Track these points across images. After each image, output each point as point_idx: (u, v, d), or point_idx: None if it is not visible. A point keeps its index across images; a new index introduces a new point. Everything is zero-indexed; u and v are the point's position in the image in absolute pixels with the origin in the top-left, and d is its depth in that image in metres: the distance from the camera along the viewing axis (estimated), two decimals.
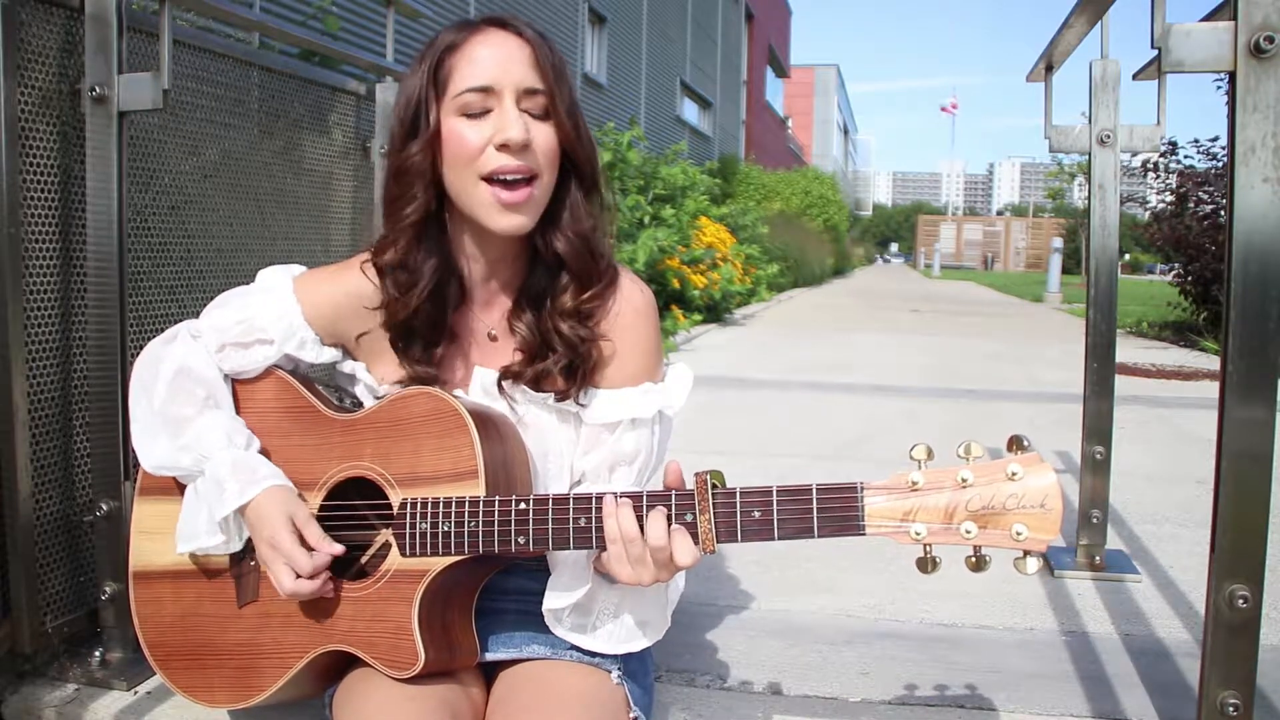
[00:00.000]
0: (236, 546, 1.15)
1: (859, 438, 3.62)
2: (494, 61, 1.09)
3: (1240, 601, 1.05)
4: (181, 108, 1.69)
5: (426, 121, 1.11)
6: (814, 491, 0.99)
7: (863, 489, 0.98)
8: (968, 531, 0.95)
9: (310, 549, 1.08)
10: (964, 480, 0.95)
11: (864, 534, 0.98)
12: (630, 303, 1.21)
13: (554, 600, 1.14)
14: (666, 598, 1.18)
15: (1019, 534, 0.93)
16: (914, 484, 0.97)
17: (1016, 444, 0.95)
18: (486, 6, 10.39)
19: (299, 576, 1.07)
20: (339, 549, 1.10)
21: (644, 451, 1.20)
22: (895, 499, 0.97)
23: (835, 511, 0.98)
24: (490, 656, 1.19)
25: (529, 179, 1.10)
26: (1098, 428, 2.10)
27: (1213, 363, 6.22)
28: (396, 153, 1.14)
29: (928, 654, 1.66)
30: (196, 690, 1.18)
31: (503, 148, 1.08)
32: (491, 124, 1.09)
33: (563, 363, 1.16)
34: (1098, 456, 2.10)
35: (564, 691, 1.13)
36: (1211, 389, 4.92)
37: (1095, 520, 2.08)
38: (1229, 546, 1.06)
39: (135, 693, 1.44)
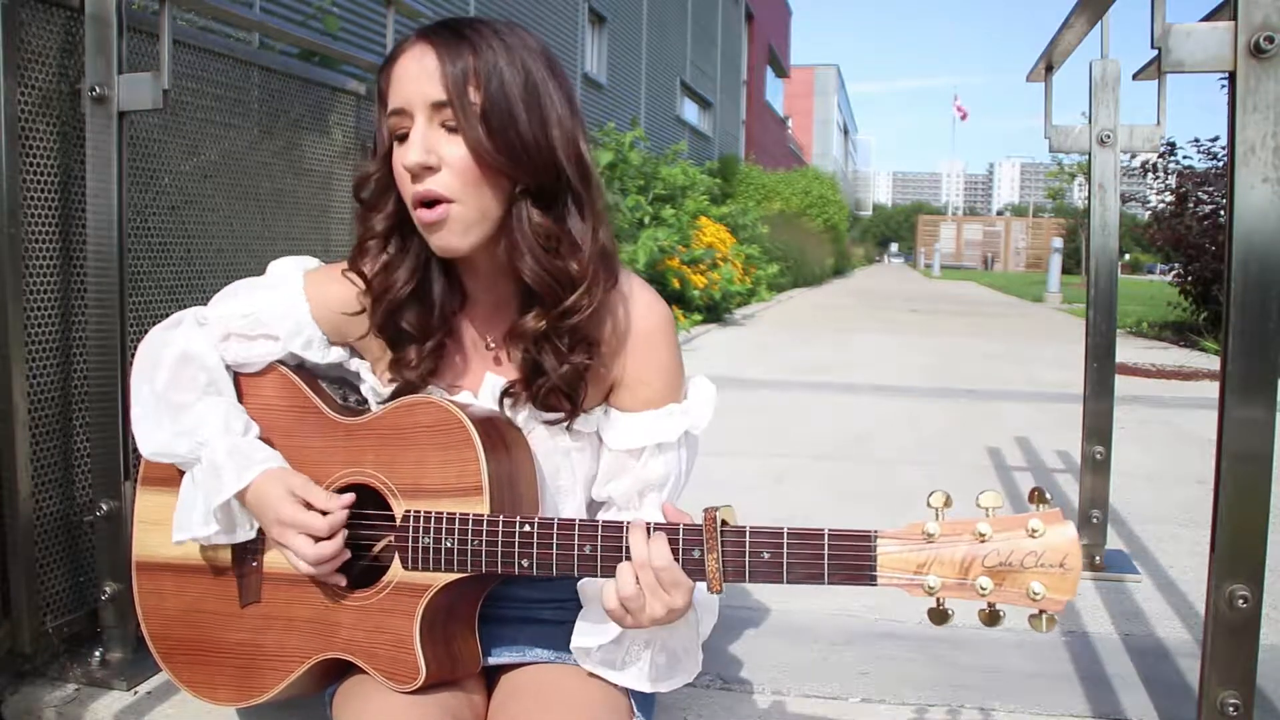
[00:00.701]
0: (240, 537, 1.14)
1: (859, 438, 3.62)
2: (406, 80, 1.04)
3: (1240, 601, 1.05)
4: (181, 108, 1.69)
5: (381, 139, 1.09)
6: (826, 537, 0.96)
7: (876, 538, 0.95)
8: (983, 588, 0.91)
9: (321, 512, 1.07)
10: (982, 534, 0.92)
11: (875, 584, 0.94)
12: (645, 321, 1.15)
13: (583, 639, 1.12)
14: (697, 633, 1.14)
15: (1036, 594, 0.90)
16: (929, 535, 0.93)
17: (1039, 497, 0.92)
18: (486, 6, 10.38)
19: (318, 541, 1.06)
20: (348, 498, 1.08)
21: (673, 475, 1.16)
22: (910, 549, 0.94)
23: (847, 560, 0.95)
24: (493, 661, 1.18)
25: (440, 200, 1.05)
26: (1098, 428, 2.10)
27: (1213, 363, 6.22)
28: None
29: (928, 654, 1.66)
30: (199, 686, 1.18)
31: (409, 172, 1.04)
32: (406, 148, 1.05)
33: (550, 385, 1.11)
34: (1098, 456, 2.10)
35: (566, 695, 1.13)
36: (1211, 389, 4.92)
37: (1095, 520, 2.08)
38: (1229, 546, 1.06)
39: (135, 693, 1.44)
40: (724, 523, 0.98)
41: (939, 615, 0.94)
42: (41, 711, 1.40)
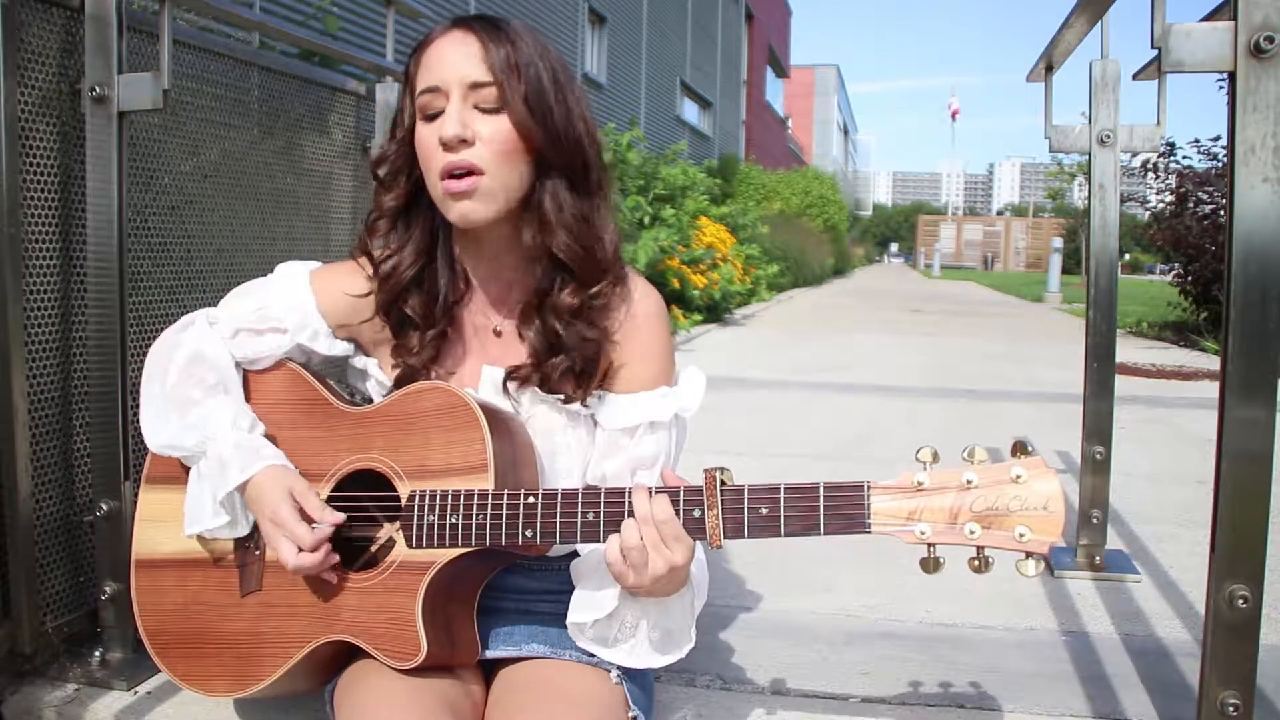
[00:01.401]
0: (243, 530, 1.16)
1: (859, 438, 3.62)
2: (444, 62, 1.10)
3: (1240, 601, 1.05)
4: (181, 108, 1.69)
5: (402, 120, 1.15)
6: (821, 489, 1.00)
7: (869, 488, 0.99)
8: (971, 532, 0.96)
9: (312, 521, 1.09)
10: (968, 482, 0.96)
11: (869, 532, 0.99)
12: (643, 306, 1.20)
13: (579, 614, 1.14)
14: (692, 610, 1.17)
15: (1021, 535, 0.94)
16: (919, 485, 0.98)
17: (1020, 448, 0.96)
18: (486, 6, 10.38)
19: (301, 551, 1.08)
20: (340, 518, 1.10)
21: (663, 454, 1.20)
22: (901, 499, 0.98)
23: (841, 509, 0.99)
24: (490, 654, 1.19)
25: (473, 171, 1.10)
26: (1098, 428, 2.10)
27: (1213, 363, 6.22)
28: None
29: (928, 654, 1.66)
30: (194, 679, 1.19)
31: (443, 144, 1.09)
32: (440, 123, 1.10)
33: (565, 365, 1.16)
34: (1098, 456, 2.10)
35: (563, 691, 1.13)
36: (1211, 389, 4.92)
37: (1095, 520, 2.08)
38: (1229, 546, 1.06)
39: (135, 693, 1.44)
40: (723, 482, 1.02)
41: (931, 564, 0.98)
42: (41, 711, 1.40)
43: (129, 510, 1.47)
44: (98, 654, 1.51)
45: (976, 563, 0.97)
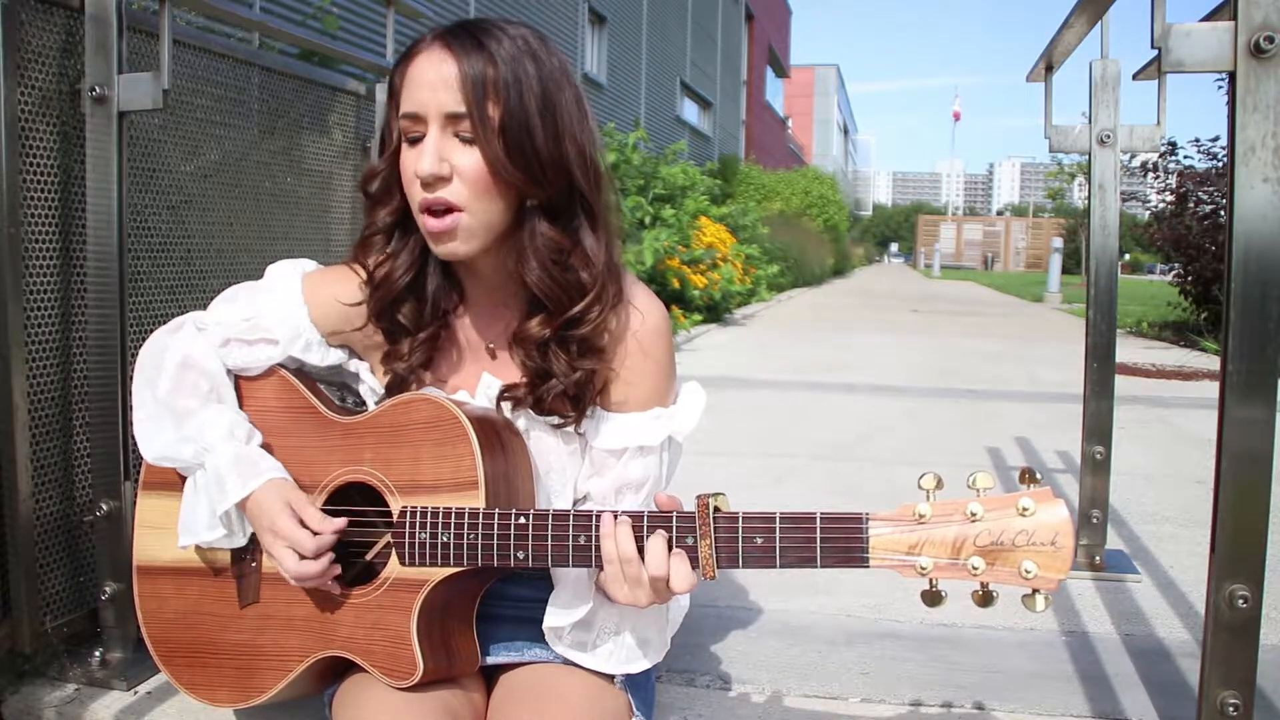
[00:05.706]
0: (240, 541, 1.15)
1: (859, 438, 3.62)
2: (423, 85, 1.04)
3: (1240, 601, 1.05)
4: (181, 108, 1.69)
5: (390, 136, 1.10)
6: (818, 520, 0.96)
7: (868, 520, 0.95)
8: (975, 568, 0.92)
9: (313, 532, 1.08)
10: (973, 514, 0.92)
11: (868, 566, 0.95)
12: (641, 325, 1.16)
13: (555, 618, 1.13)
14: (667, 618, 1.17)
15: (1028, 572, 0.90)
16: (921, 516, 0.94)
17: (1029, 477, 0.92)
18: (486, 6, 10.38)
19: (303, 558, 1.07)
20: (341, 524, 1.09)
21: (651, 478, 1.17)
22: (901, 531, 0.94)
23: (839, 542, 0.96)
24: (491, 660, 1.18)
25: (452, 209, 1.06)
26: (1098, 428, 2.10)
27: (1213, 363, 6.22)
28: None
29: (928, 654, 1.66)
30: (198, 688, 1.19)
31: (420, 180, 1.05)
32: (418, 156, 1.05)
33: (558, 389, 1.12)
34: (1098, 456, 2.10)
35: (565, 695, 1.13)
36: (1211, 389, 4.92)
37: (1095, 520, 2.08)
38: (1229, 546, 1.06)
39: (135, 693, 1.44)
40: (717, 509, 0.99)
41: (932, 597, 0.94)
42: (41, 711, 1.41)
43: (129, 510, 1.47)
44: (98, 654, 1.51)
45: (980, 595, 0.93)
